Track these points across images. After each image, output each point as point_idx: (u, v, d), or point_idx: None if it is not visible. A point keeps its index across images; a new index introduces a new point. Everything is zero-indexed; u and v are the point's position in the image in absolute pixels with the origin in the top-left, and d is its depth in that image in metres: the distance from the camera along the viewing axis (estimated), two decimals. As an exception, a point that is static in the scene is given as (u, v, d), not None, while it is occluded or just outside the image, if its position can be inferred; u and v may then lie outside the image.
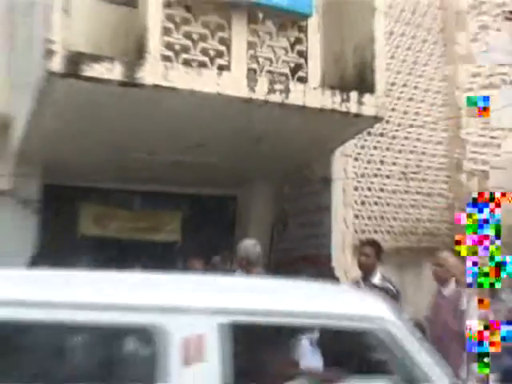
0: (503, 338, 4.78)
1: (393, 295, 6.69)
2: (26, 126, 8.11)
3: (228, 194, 11.74)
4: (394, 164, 10.94)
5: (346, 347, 4.87)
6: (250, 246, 7.22)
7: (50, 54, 6.51)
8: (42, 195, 9.69)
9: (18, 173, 9.39)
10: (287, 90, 7.63)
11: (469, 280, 5.05)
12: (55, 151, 8.87)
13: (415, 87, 11.40)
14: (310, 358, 6.09)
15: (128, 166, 9.37)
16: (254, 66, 7.74)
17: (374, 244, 7.37)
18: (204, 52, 7.41)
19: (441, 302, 6.98)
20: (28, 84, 7.81)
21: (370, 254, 7.02)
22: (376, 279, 6.84)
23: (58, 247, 9.66)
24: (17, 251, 9.00)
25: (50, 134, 8.17)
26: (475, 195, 5.00)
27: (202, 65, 7.35)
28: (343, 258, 9.77)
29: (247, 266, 7.04)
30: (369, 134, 10.48)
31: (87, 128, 7.96)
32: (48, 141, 8.44)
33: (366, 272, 6.94)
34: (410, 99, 11.31)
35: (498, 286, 5.11)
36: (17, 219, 9.44)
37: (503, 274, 5.07)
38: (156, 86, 6.92)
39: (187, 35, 7.38)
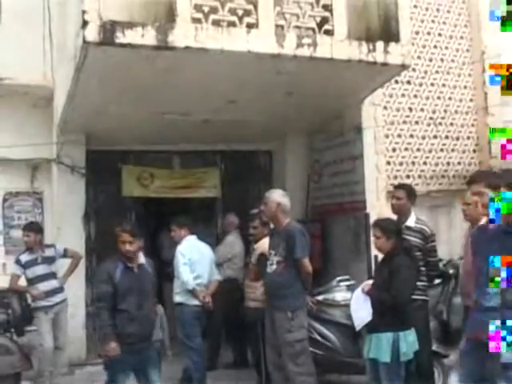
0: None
1: (428, 236, 6.97)
2: (67, 96, 8.36)
3: (263, 149, 12.00)
4: (422, 110, 11.19)
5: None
6: (281, 195, 7.29)
7: (84, 24, 6.66)
8: (87, 161, 10.10)
9: (63, 141, 9.83)
10: (315, 44, 7.71)
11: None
12: (96, 118, 9.19)
13: (439, 34, 11.58)
14: (361, 304, 6.31)
15: (164, 127, 9.66)
16: (282, 22, 7.76)
17: (405, 187, 7.56)
18: (232, 12, 7.47)
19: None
20: (67, 55, 8.13)
21: (401, 197, 7.22)
22: (411, 222, 7.05)
23: (104, 209, 10.16)
24: (70, 214, 9.53)
25: (90, 102, 8.45)
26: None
27: (231, 24, 7.41)
28: (378, 204, 10.00)
29: (279, 216, 7.17)
30: (396, 82, 10.73)
31: (124, 93, 8.21)
32: (88, 108, 8.74)
33: (400, 215, 7.13)
34: (435, 46, 11.51)
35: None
36: (66, 185, 9.95)
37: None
38: (187, 48, 7.03)
39: (215, -4, 7.51)
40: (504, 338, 4.66)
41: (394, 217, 7.17)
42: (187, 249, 8.19)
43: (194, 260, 8.10)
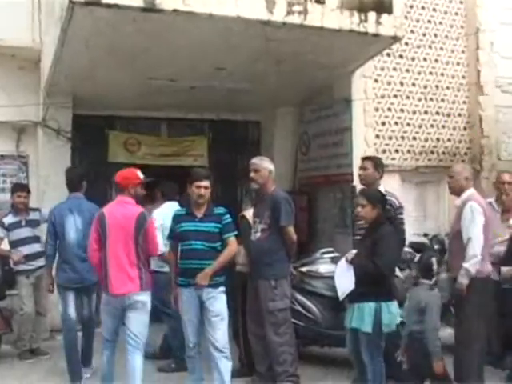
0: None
1: (396, 208, 6.92)
2: (54, 58, 8.27)
3: (252, 119, 11.98)
4: (414, 85, 11.10)
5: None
6: (270, 162, 7.13)
7: (71, -17, 6.56)
8: (73, 125, 10.02)
9: (49, 103, 9.74)
10: (305, 12, 7.62)
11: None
12: (83, 81, 9.12)
13: (434, 9, 11.43)
14: (345, 273, 6.26)
15: (152, 93, 9.59)
16: (272, -12, 7.73)
17: (372, 158, 7.58)
18: (222, -24, 7.41)
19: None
20: (54, 17, 8.02)
21: (368, 167, 7.22)
22: None
23: (89, 174, 10.07)
24: (55, 178, 9.46)
25: (77, 64, 8.38)
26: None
27: (221, -12, 7.35)
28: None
29: (268, 184, 7.01)
30: (388, 55, 10.66)
31: (110, 56, 8.14)
32: (75, 71, 8.67)
33: (367, 185, 7.10)
34: (429, 21, 11.37)
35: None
36: (51, 148, 9.89)
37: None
38: (175, 11, 6.95)
39: (206, -41, 7.38)
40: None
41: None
42: (161, 214, 8.05)
43: (167, 226, 7.86)
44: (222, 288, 6.24)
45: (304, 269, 7.87)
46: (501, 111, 11.87)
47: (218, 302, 6.18)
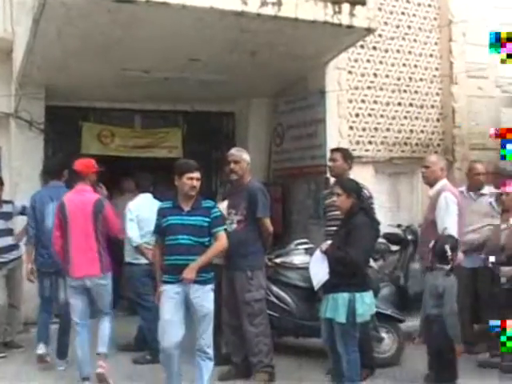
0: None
1: (367, 198, 6.98)
2: (26, 48, 8.22)
3: (226, 111, 11.97)
4: (387, 77, 11.12)
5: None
6: (244, 151, 7.27)
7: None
8: (46, 116, 9.92)
9: (21, 94, 9.62)
10: (279, 3, 7.61)
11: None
12: (56, 72, 9.05)
13: (407, 1, 11.44)
14: (320, 263, 6.28)
15: (126, 84, 9.52)
16: (247, -21, 7.71)
17: (341, 150, 7.73)
18: (196, -35, 7.37)
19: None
20: (25, 7, 7.94)
21: (337, 159, 7.37)
22: None
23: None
24: (28, 170, 9.38)
25: (49, 55, 8.33)
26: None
27: (195, -21, 7.31)
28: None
29: (246, 175, 7.05)
30: (362, 47, 10.68)
31: (84, 47, 8.07)
32: (48, 62, 8.61)
33: (337, 177, 7.29)
34: (403, 13, 11.37)
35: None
36: (24, 140, 9.78)
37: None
38: (148, 2, 6.90)
39: (179, -51, 7.34)
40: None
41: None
42: (136, 205, 8.01)
43: (142, 218, 7.83)
44: (211, 285, 6.02)
45: (278, 260, 7.89)
46: (501, 111, 11.95)
47: (206, 302, 5.95)
